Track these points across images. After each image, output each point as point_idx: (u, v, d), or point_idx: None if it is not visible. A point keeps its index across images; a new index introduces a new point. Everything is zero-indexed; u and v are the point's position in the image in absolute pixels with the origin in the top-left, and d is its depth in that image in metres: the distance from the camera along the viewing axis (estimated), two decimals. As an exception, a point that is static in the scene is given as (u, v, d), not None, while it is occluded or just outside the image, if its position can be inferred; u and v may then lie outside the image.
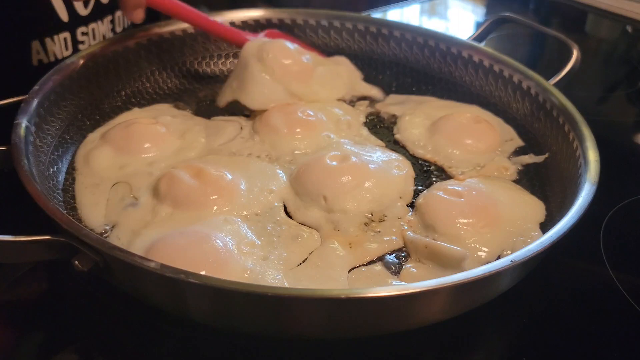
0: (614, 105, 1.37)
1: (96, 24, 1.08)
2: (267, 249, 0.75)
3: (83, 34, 1.07)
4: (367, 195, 0.83)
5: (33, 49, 1.01)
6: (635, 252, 0.90)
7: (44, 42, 1.02)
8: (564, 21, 1.85)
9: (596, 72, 1.49)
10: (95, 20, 1.08)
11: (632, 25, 1.70)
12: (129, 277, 0.65)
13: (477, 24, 1.80)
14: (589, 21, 1.76)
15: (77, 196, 0.84)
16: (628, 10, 1.70)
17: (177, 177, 0.81)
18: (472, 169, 0.93)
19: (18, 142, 0.77)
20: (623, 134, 1.22)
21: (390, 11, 1.76)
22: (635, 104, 1.36)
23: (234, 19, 1.16)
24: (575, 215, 0.70)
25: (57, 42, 1.03)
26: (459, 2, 1.94)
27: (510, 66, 1.05)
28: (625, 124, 1.28)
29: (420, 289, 0.59)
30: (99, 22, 1.09)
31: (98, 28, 1.09)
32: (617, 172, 0.77)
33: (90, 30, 1.08)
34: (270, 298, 0.57)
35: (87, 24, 1.07)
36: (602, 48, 1.68)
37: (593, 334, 0.76)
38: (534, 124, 1.00)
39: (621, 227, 0.92)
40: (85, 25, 1.07)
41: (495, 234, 0.79)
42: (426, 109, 1.06)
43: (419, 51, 1.16)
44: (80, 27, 1.06)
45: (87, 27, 1.07)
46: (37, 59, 1.03)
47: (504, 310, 0.76)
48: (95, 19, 1.08)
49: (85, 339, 0.73)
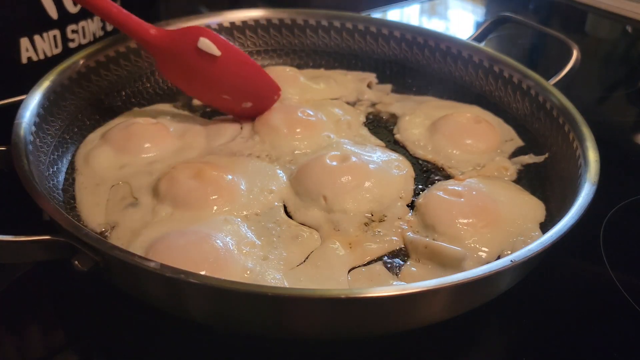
0: (614, 105, 1.37)
1: (86, 22, 1.07)
2: (267, 249, 0.75)
3: (73, 32, 1.06)
4: (367, 195, 0.83)
5: (22, 46, 1.00)
6: (635, 252, 0.90)
7: (32, 39, 1.01)
8: (564, 21, 1.86)
9: (596, 72, 1.49)
10: (85, 18, 1.07)
11: (632, 25, 1.70)
12: (129, 277, 0.65)
13: (477, 23, 1.80)
14: (589, 21, 1.76)
15: (77, 196, 0.83)
16: (628, 10, 1.70)
17: (177, 178, 0.81)
18: (472, 169, 0.93)
19: (18, 142, 0.77)
20: (623, 134, 1.22)
21: (390, 11, 1.76)
22: (635, 104, 1.36)
23: (234, 19, 1.16)
24: (575, 215, 0.70)
25: (46, 39, 1.03)
26: (459, 2, 1.94)
27: (510, 66, 1.05)
28: (625, 124, 1.28)
29: (420, 289, 0.59)
30: (89, 20, 1.08)
31: (88, 26, 1.08)
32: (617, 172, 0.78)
33: (80, 28, 1.07)
34: (271, 298, 0.57)
35: (77, 21, 1.06)
36: (602, 48, 1.68)
37: (593, 333, 0.76)
38: (534, 124, 1.00)
39: (621, 227, 0.92)
40: (76, 23, 1.06)
41: (495, 234, 0.79)
42: (426, 109, 1.06)
43: (419, 51, 1.16)
44: (70, 25, 1.05)
45: (77, 25, 1.06)
46: (27, 57, 1.02)
47: (503, 309, 0.76)
48: (86, 17, 1.07)
49: (85, 339, 0.73)
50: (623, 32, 1.72)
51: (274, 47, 1.21)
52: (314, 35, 1.21)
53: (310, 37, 1.20)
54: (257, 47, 1.21)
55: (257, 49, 1.21)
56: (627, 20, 1.70)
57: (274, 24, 1.19)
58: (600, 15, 1.75)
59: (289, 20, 1.19)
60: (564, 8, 1.82)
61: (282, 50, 1.22)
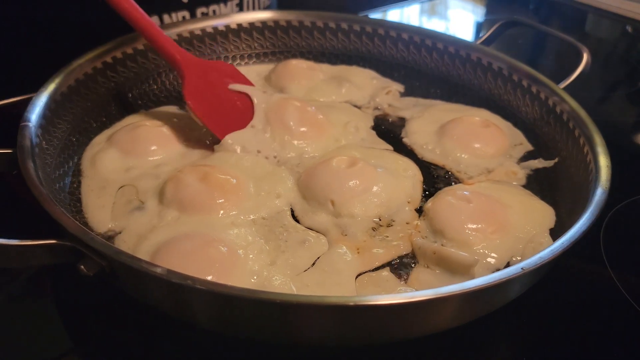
0: (614, 105, 1.37)
1: (218, 5, 1.07)
2: (274, 254, 0.75)
3: (203, 15, 1.07)
4: (375, 199, 0.83)
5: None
6: (635, 252, 0.89)
7: (161, 17, 1.02)
8: (564, 21, 1.85)
9: (596, 72, 1.48)
10: (218, 2, 1.07)
11: (632, 25, 1.70)
12: (135, 282, 0.65)
13: (477, 24, 1.80)
14: (589, 21, 1.76)
15: (83, 199, 0.83)
16: (628, 10, 1.70)
17: (183, 181, 0.81)
18: (480, 174, 0.92)
19: (24, 144, 0.76)
20: (623, 134, 1.22)
21: (390, 11, 1.76)
22: (635, 104, 1.35)
23: (242, 20, 1.16)
24: (586, 221, 0.69)
25: (174, 19, 1.03)
26: (459, 2, 1.94)
27: (520, 70, 1.04)
28: (625, 124, 1.28)
29: (430, 296, 0.58)
30: (221, 4, 1.08)
31: (219, 10, 1.07)
32: (617, 172, 0.78)
33: (211, 11, 1.07)
34: (279, 305, 0.57)
35: (208, 5, 1.06)
36: (602, 48, 1.67)
37: (593, 333, 0.76)
38: (543, 128, 0.99)
39: (621, 227, 0.91)
40: (206, 6, 1.06)
41: (505, 239, 0.78)
42: (434, 113, 1.05)
43: (427, 54, 1.16)
44: (199, 8, 1.05)
45: (207, 8, 1.06)
46: None
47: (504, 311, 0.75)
48: (218, 0, 1.07)
49: (90, 343, 0.72)
50: (623, 32, 1.72)
51: (281, 49, 1.21)
52: (321, 37, 1.20)
53: (317, 39, 1.20)
54: (264, 49, 1.20)
55: (264, 51, 1.20)
56: (627, 20, 1.71)
57: (281, 25, 1.18)
58: (600, 15, 1.75)
59: (297, 22, 1.19)
60: (564, 8, 1.82)
61: (289, 52, 1.21)
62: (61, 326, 0.74)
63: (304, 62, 1.15)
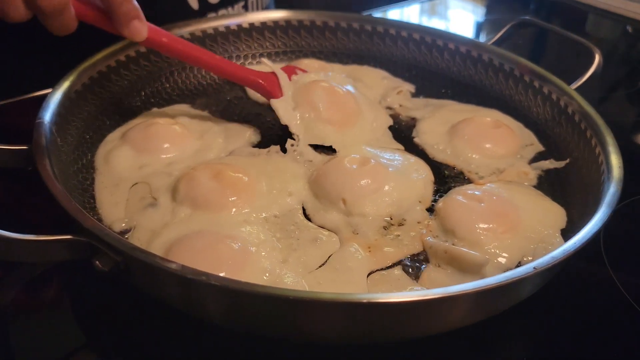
0: (614, 105, 1.36)
1: (226, 10, 1.09)
2: (286, 252, 0.75)
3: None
4: (387, 198, 0.83)
5: None
6: (635, 252, 0.89)
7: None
8: (564, 21, 1.85)
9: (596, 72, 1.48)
10: (226, 6, 1.08)
11: (632, 25, 1.69)
12: (149, 277, 0.65)
13: (477, 24, 1.80)
14: (589, 21, 1.75)
15: (97, 196, 0.84)
16: (628, 10, 1.70)
17: (196, 179, 0.81)
18: (491, 174, 0.92)
19: (40, 141, 0.77)
20: (623, 134, 1.21)
21: (390, 11, 1.76)
22: (635, 104, 1.35)
23: (254, 20, 1.16)
24: (599, 222, 0.69)
25: None
26: (459, 2, 1.94)
27: (531, 70, 1.04)
28: (625, 124, 1.27)
29: (443, 294, 0.58)
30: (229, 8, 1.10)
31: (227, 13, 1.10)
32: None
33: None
34: (292, 301, 0.57)
35: (217, 10, 1.08)
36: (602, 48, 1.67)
37: (593, 334, 0.75)
38: (554, 129, 0.99)
39: (621, 228, 0.91)
40: (215, 11, 1.08)
41: (516, 239, 0.78)
42: (445, 113, 1.05)
43: (438, 54, 1.16)
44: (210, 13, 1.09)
45: (216, 13, 1.09)
46: None
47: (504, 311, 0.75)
48: (226, 5, 1.08)
49: (103, 339, 0.73)
50: (623, 32, 1.71)
51: (293, 48, 1.21)
52: (332, 37, 1.20)
53: (329, 38, 1.20)
54: (275, 49, 1.20)
55: (276, 50, 1.20)
56: (627, 20, 1.70)
57: (293, 25, 1.19)
58: (600, 15, 1.75)
59: (308, 22, 1.19)
60: (564, 8, 1.82)
61: (300, 52, 1.22)
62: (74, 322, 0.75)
63: (316, 62, 1.16)
